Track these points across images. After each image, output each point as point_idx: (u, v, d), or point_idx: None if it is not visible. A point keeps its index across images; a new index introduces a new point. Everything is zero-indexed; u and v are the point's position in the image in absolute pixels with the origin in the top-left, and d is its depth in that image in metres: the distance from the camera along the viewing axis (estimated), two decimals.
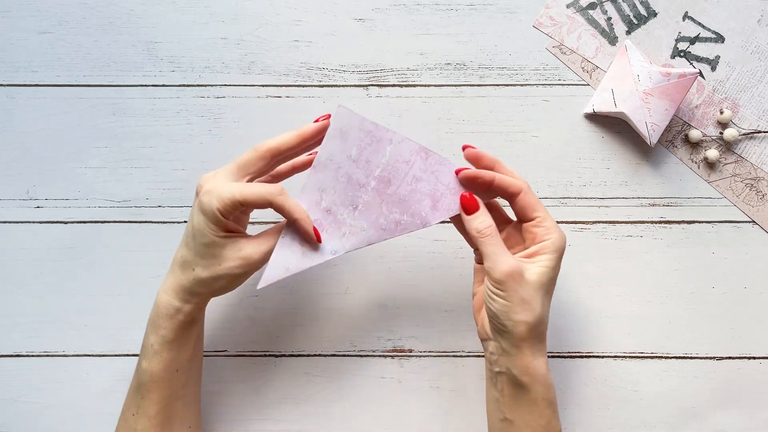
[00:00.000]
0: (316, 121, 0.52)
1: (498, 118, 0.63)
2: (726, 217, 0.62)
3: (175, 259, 0.51)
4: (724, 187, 0.62)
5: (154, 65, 0.63)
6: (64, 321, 0.62)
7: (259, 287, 0.49)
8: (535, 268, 0.50)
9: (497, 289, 0.49)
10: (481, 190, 0.52)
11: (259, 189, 0.48)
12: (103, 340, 0.62)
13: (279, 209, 0.49)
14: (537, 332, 0.49)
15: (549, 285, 0.50)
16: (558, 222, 0.62)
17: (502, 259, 0.49)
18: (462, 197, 0.52)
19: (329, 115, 0.51)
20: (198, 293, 0.51)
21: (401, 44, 0.63)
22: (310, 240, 0.50)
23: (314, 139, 0.52)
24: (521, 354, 0.49)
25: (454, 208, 0.52)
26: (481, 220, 0.50)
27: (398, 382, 0.61)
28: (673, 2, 0.63)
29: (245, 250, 0.50)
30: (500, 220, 0.54)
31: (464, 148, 0.53)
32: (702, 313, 0.62)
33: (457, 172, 0.52)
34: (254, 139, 0.62)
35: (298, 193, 0.50)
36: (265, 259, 0.50)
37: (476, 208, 0.51)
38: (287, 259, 0.50)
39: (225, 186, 0.48)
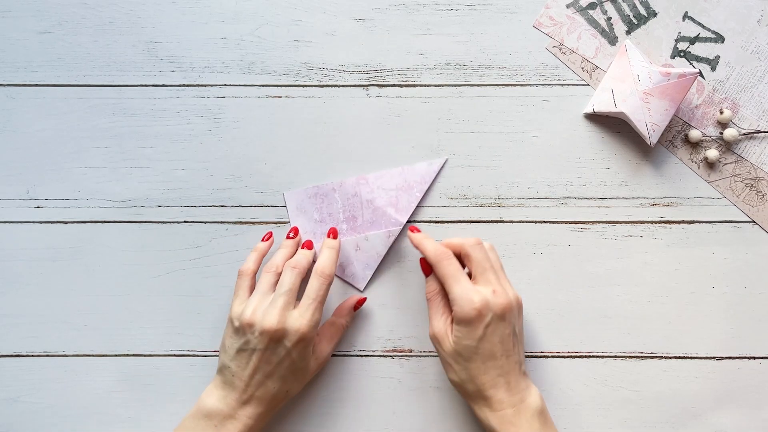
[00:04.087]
0: (288, 237, 0.61)
1: (498, 118, 0.63)
2: (726, 217, 0.62)
3: (262, 396, 0.54)
4: (724, 187, 0.62)
5: (154, 65, 0.63)
6: (64, 321, 0.62)
7: None
8: (450, 337, 0.55)
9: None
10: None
11: (322, 305, 0.56)
12: (103, 340, 0.62)
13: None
14: (471, 392, 0.54)
15: (466, 352, 0.53)
16: (558, 222, 0.62)
17: (432, 322, 0.56)
18: (420, 261, 0.59)
19: (296, 229, 0.61)
20: (280, 406, 0.57)
21: (401, 44, 0.63)
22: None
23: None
24: (473, 407, 0.55)
25: (412, 200, 0.62)
26: (427, 287, 0.57)
27: (398, 382, 0.61)
28: (673, 2, 0.63)
29: (322, 354, 0.58)
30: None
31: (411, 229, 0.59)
32: (702, 313, 0.62)
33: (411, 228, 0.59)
34: (254, 139, 0.63)
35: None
36: (332, 352, 0.60)
37: (428, 274, 0.58)
38: None
39: (310, 317, 0.55)
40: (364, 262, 0.61)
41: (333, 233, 0.60)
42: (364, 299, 0.61)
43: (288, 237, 0.61)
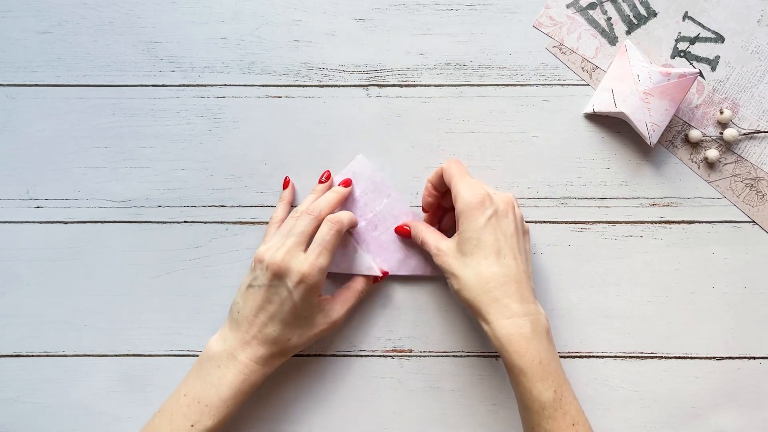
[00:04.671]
0: (321, 182, 0.61)
1: (498, 118, 0.63)
2: (726, 217, 0.62)
3: (264, 338, 0.55)
4: (724, 187, 0.62)
5: (154, 65, 0.63)
6: (64, 321, 0.62)
7: None
8: (453, 241, 0.55)
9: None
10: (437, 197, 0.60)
11: (331, 253, 0.56)
12: (103, 340, 0.62)
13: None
14: (477, 295, 0.52)
15: (468, 247, 0.53)
16: (558, 222, 0.62)
17: (431, 241, 0.57)
18: (396, 230, 0.61)
19: (328, 173, 0.61)
20: (283, 357, 0.57)
21: (401, 44, 0.63)
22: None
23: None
24: (482, 321, 0.52)
25: (419, 270, 0.61)
26: (414, 230, 0.59)
27: (398, 382, 0.61)
28: (673, 2, 0.63)
29: (332, 313, 0.57)
30: None
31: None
32: (702, 313, 0.62)
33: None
34: (254, 139, 0.63)
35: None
36: (346, 319, 0.59)
37: (408, 235, 0.60)
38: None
39: (313, 260, 0.54)
40: (335, 261, 0.60)
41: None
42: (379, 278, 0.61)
43: (320, 182, 0.61)
